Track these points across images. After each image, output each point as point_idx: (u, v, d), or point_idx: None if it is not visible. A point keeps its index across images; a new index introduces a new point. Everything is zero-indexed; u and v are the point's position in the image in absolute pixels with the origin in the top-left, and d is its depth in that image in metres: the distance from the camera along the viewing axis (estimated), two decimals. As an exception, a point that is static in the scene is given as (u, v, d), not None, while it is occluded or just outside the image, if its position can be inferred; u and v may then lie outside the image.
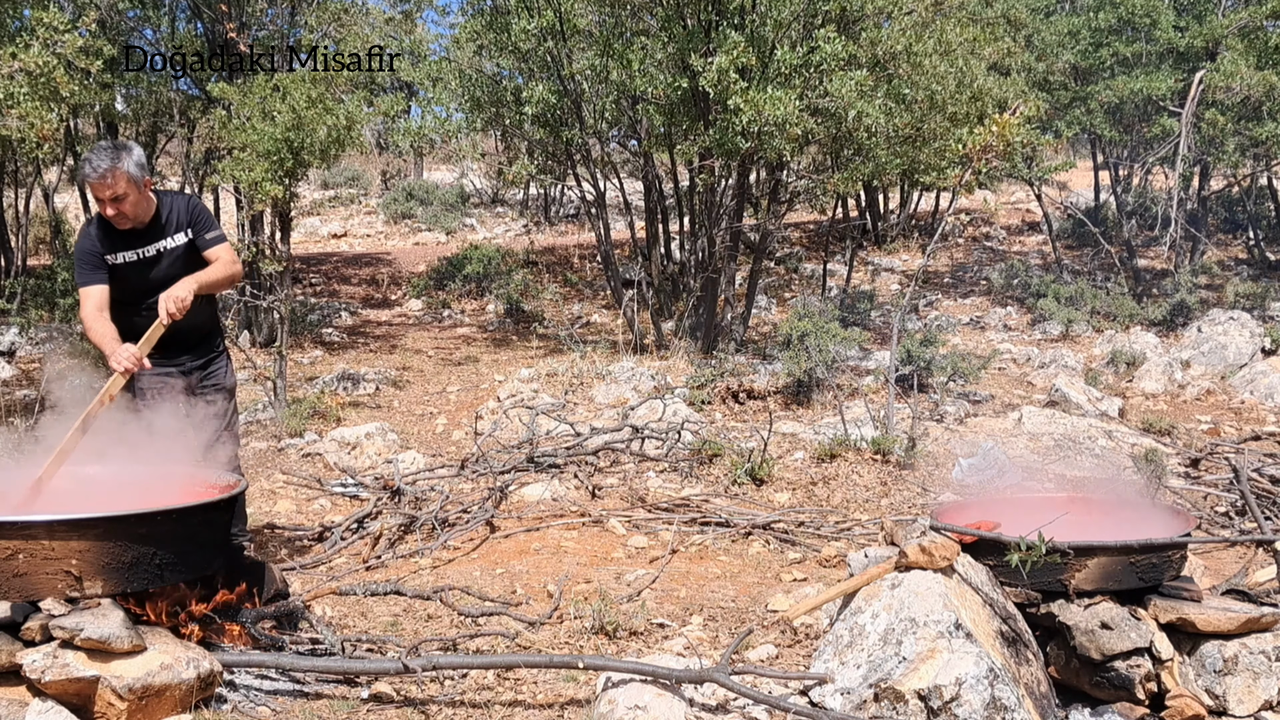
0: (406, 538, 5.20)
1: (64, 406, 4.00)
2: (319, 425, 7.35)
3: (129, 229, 3.94)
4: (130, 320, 3.95)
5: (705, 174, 9.66)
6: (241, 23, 10.45)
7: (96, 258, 3.94)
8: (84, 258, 3.96)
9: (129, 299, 3.98)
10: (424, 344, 10.97)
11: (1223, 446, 6.61)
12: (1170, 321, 11.19)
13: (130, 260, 3.96)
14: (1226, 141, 11.16)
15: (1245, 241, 14.81)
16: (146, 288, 3.96)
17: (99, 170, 3.78)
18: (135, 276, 3.96)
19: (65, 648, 2.92)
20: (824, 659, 3.18)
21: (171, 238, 4.01)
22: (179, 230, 4.03)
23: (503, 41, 9.88)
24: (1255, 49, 11.21)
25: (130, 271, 3.96)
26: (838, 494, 5.96)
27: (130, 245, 3.95)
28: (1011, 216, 18.81)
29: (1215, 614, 3.20)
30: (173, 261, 4.00)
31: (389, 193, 21.52)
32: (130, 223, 3.92)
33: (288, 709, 3.20)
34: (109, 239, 3.95)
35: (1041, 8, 13.31)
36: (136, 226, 3.94)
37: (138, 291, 3.97)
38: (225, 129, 8.02)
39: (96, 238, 3.96)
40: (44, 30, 7.05)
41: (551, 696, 3.37)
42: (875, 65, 9.08)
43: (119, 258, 3.94)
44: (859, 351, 9.60)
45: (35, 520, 3.03)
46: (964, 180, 7.73)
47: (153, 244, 3.98)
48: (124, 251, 3.95)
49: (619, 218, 14.43)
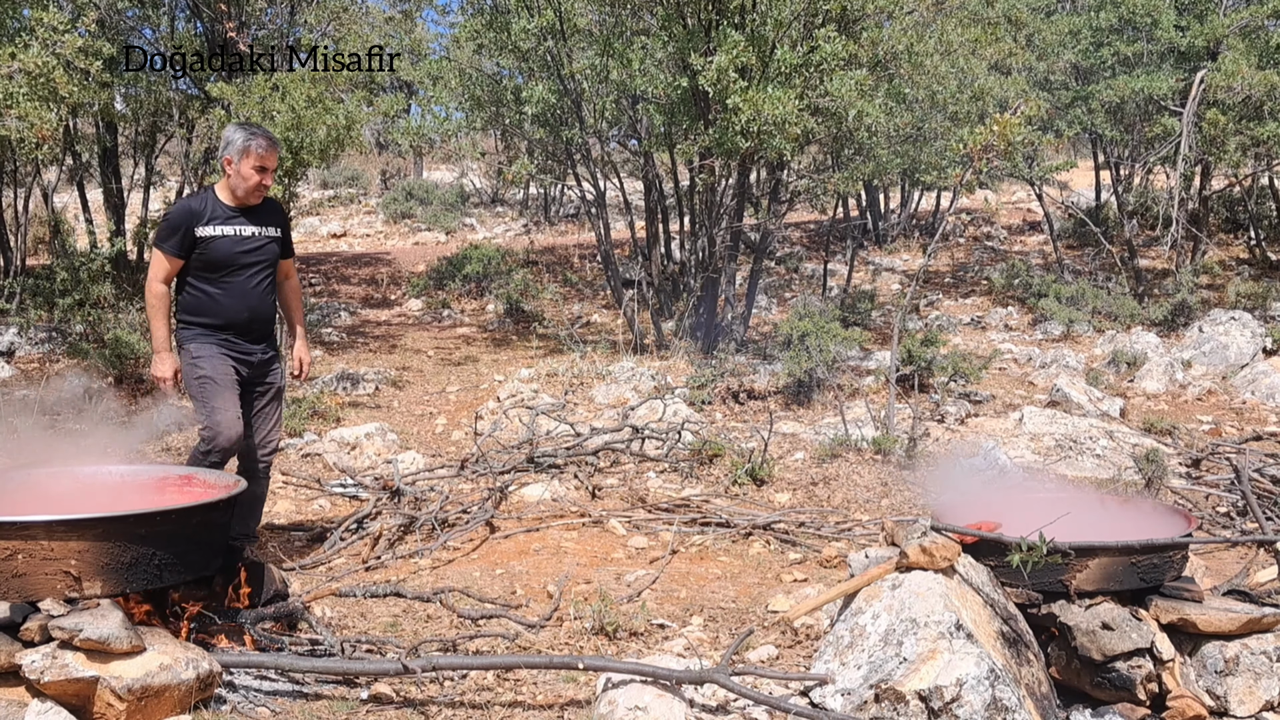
0: (406, 538, 5.19)
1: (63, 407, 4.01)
2: (318, 425, 7.34)
3: (237, 206, 4.18)
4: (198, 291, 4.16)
5: (705, 173, 9.65)
6: (241, 22, 10.44)
7: (188, 227, 4.10)
8: (178, 221, 4.12)
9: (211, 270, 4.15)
10: (424, 344, 10.96)
11: (1224, 447, 6.60)
12: (1171, 321, 11.18)
13: (225, 235, 4.14)
14: (1228, 141, 11.14)
15: (1246, 241, 14.79)
16: (227, 262, 4.15)
17: (270, 140, 4.14)
18: (219, 252, 4.13)
19: (64, 648, 2.92)
20: (824, 660, 3.17)
21: (265, 228, 4.26)
22: (271, 225, 4.29)
23: (502, 41, 9.87)
24: (1256, 49, 11.19)
25: (218, 246, 4.13)
26: (838, 494, 5.95)
27: (230, 221, 4.16)
28: (1012, 216, 18.80)
29: (1216, 614, 3.19)
30: (256, 249, 4.23)
31: (389, 192, 21.51)
32: (256, 199, 4.18)
33: (287, 709, 3.20)
34: (212, 209, 4.14)
35: (1042, 7, 13.28)
36: (248, 204, 4.19)
37: (212, 264, 4.14)
38: (224, 128, 8.00)
39: (197, 210, 4.13)
40: (43, 30, 7.04)
41: (551, 697, 3.37)
42: (876, 65, 9.07)
43: (215, 229, 4.12)
44: (859, 351, 9.59)
45: (34, 521, 3.03)
46: (965, 180, 7.72)
47: (249, 227, 4.20)
48: (222, 225, 4.14)
49: (619, 217, 14.42)
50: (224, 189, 4.23)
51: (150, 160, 13.55)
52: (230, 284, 4.18)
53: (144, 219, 12.57)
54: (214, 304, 4.17)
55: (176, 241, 4.11)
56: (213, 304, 4.17)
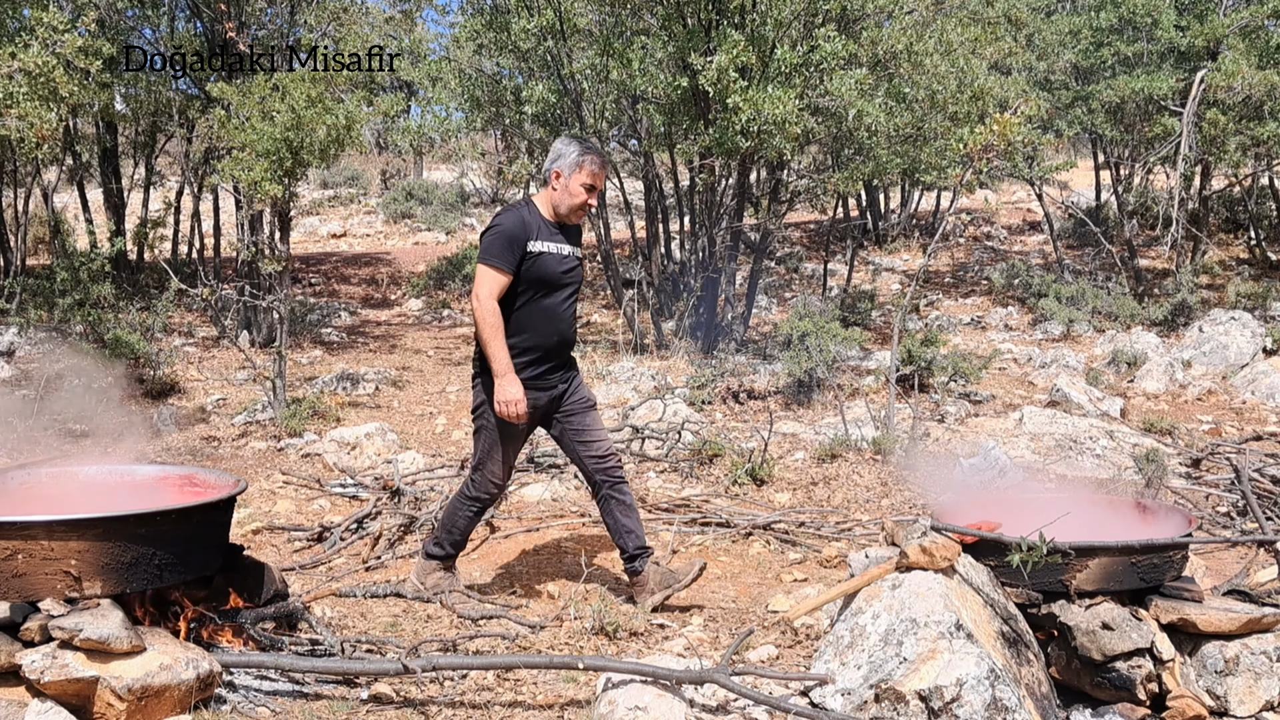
0: (406, 538, 5.19)
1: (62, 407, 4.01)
2: (318, 425, 7.34)
3: (559, 224, 4.03)
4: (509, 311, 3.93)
5: (705, 173, 9.65)
6: (241, 22, 10.44)
7: (520, 244, 3.89)
8: (511, 238, 3.89)
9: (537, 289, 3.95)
10: (424, 344, 10.96)
11: (1224, 447, 6.60)
12: (1171, 321, 11.18)
13: (549, 252, 3.95)
14: (1228, 141, 11.14)
15: (1246, 241, 14.80)
16: (553, 282, 3.97)
17: (604, 159, 4.01)
18: (543, 270, 3.95)
19: (64, 648, 2.92)
20: (825, 660, 3.17)
21: (576, 249, 4.09)
22: (578, 246, 4.12)
23: (502, 41, 9.87)
24: (1256, 48, 11.19)
25: (544, 263, 3.94)
26: (838, 494, 5.95)
27: (552, 238, 3.97)
28: (1012, 216, 18.81)
29: (1216, 614, 3.19)
30: (571, 270, 4.04)
31: (388, 192, 21.52)
32: (577, 219, 4.04)
33: (287, 709, 3.20)
34: (540, 226, 3.96)
35: (1042, 7, 13.30)
36: (570, 223, 4.05)
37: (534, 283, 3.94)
38: (224, 128, 8.01)
39: (528, 221, 3.94)
40: (43, 30, 7.04)
41: (551, 697, 3.37)
42: (876, 64, 9.07)
43: (542, 245, 3.93)
44: (859, 351, 9.59)
45: (34, 521, 3.03)
46: (965, 180, 7.73)
47: (567, 245, 4.03)
48: (547, 241, 3.95)
49: (619, 217, 14.42)
50: (545, 203, 4.02)
51: (150, 160, 13.56)
52: (545, 305, 3.95)
53: (144, 219, 12.57)
54: (525, 325, 3.93)
55: (511, 255, 3.85)
56: (524, 325, 3.93)
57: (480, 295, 3.86)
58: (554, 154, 4.03)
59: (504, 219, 3.95)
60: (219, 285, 9.98)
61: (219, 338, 10.41)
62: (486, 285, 3.86)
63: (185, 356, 9.72)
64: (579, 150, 3.97)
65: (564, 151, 3.99)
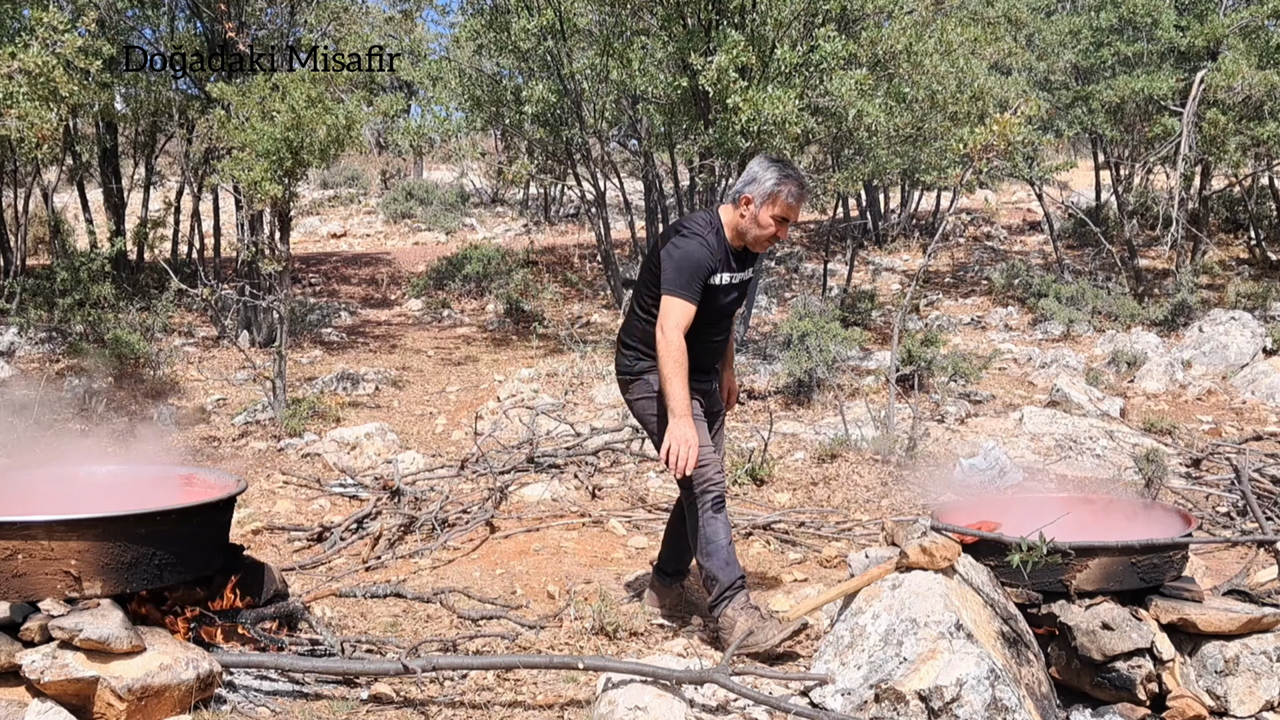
0: (406, 538, 5.19)
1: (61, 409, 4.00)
2: (318, 425, 7.34)
3: (738, 248, 3.71)
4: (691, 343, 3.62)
5: (705, 173, 9.65)
6: (241, 22, 10.43)
7: (707, 273, 3.59)
8: (699, 267, 3.57)
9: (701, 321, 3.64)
10: (424, 344, 10.96)
11: (1224, 447, 6.60)
12: (1171, 321, 11.17)
13: (728, 283, 3.69)
14: (1228, 141, 11.14)
15: (1246, 241, 14.79)
16: (717, 314, 3.73)
17: (804, 189, 3.64)
18: (718, 300, 3.70)
19: (64, 648, 2.92)
20: (825, 660, 3.17)
21: (749, 270, 3.83)
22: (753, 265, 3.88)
23: (502, 41, 9.88)
24: (1257, 49, 11.19)
25: (719, 294, 3.68)
26: (838, 494, 5.96)
27: (731, 268, 3.69)
28: (1012, 216, 18.80)
29: (1216, 614, 3.19)
30: (741, 296, 3.81)
31: (388, 192, 21.51)
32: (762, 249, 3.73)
33: (287, 709, 3.20)
34: (724, 254, 3.65)
35: (1042, 7, 13.30)
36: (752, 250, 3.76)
37: (709, 313, 3.68)
38: (224, 128, 8.01)
39: (714, 249, 3.63)
40: (43, 30, 7.04)
41: (551, 697, 3.37)
42: (876, 64, 9.07)
43: (723, 278, 3.66)
44: (859, 351, 9.59)
45: (34, 521, 3.03)
46: (965, 180, 7.73)
47: (745, 270, 3.78)
48: (727, 272, 3.67)
49: (619, 217, 14.43)
50: (729, 225, 3.68)
51: (150, 160, 13.55)
52: (711, 328, 3.72)
53: (144, 219, 12.56)
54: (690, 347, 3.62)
55: (699, 285, 3.56)
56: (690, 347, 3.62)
57: (667, 329, 3.52)
58: (748, 176, 3.65)
59: (692, 246, 3.60)
60: (219, 285, 9.98)
61: (219, 338, 10.41)
62: (675, 318, 3.53)
63: (185, 356, 9.72)
64: (776, 178, 3.59)
65: (759, 176, 3.61)
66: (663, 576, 4.19)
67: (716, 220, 3.70)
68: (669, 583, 4.18)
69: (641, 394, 3.79)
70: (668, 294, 3.56)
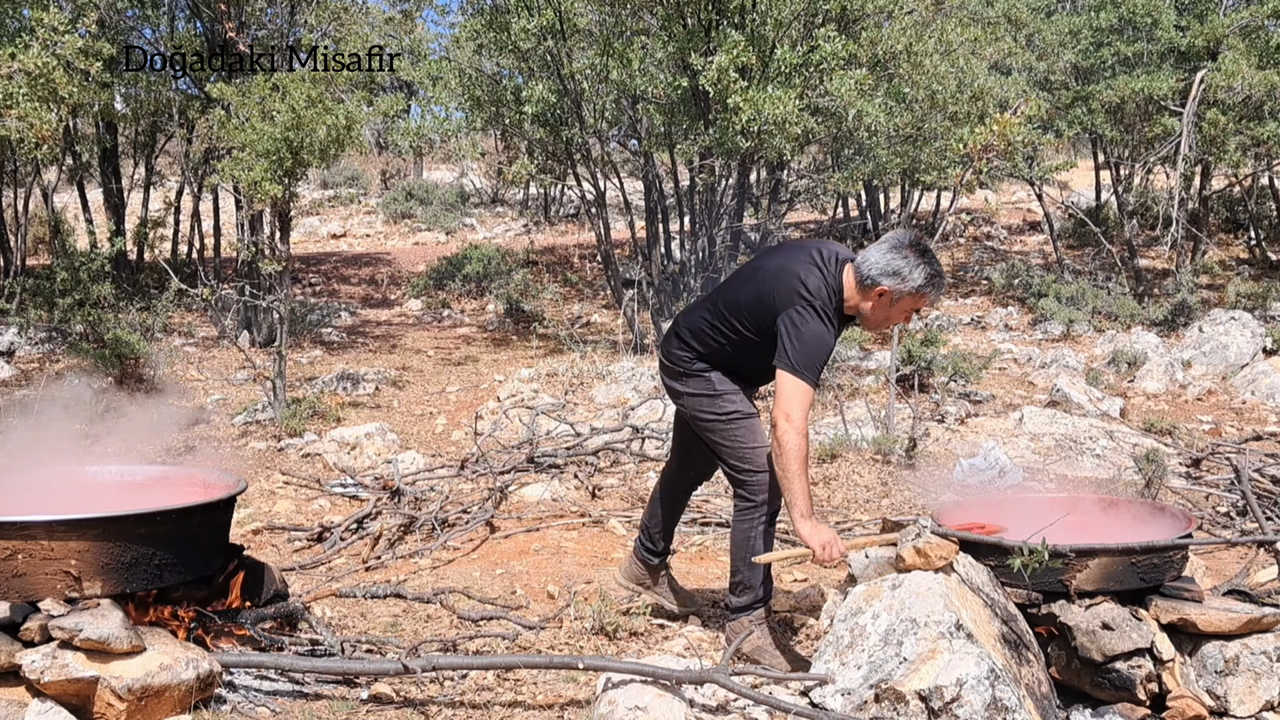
0: (406, 538, 5.19)
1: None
2: (318, 425, 7.34)
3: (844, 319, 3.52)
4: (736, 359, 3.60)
5: (705, 173, 9.65)
6: (241, 22, 10.44)
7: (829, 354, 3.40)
8: (827, 351, 3.39)
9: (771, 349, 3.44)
10: (424, 344, 10.96)
11: (1224, 447, 6.60)
12: (1171, 321, 11.17)
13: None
14: (1228, 141, 11.14)
15: (1246, 241, 14.79)
16: None
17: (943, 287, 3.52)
18: None
19: (64, 648, 2.92)
20: (824, 659, 3.17)
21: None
22: None
23: (502, 41, 9.87)
24: (1257, 49, 11.19)
25: None
26: (838, 494, 5.96)
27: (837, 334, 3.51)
28: (1012, 216, 18.80)
29: (1216, 614, 3.19)
30: None
31: (388, 192, 21.52)
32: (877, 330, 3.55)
33: (287, 709, 3.20)
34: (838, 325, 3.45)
35: (1042, 7, 13.30)
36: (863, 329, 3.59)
37: None
38: (224, 129, 8.01)
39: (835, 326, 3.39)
40: (43, 30, 7.04)
41: (551, 697, 3.37)
42: (876, 64, 9.07)
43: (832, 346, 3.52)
44: (859, 351, 9.59)
45: (34, 520, 3.03)
46: (965, 180, 7.72)
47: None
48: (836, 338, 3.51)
49: (619, 217, 14.42)
50: (850, 296, 3.43)
51: (150, 160, 13.56)
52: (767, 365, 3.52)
53: (144, 219, 12.57)
54: (736, 366, 3.62)
55: (820, 368, 3.37)
56: (736, 365, 3.62)
57: (794, 417, 3.24)
58: (890, 268, 3.38)
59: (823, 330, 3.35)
60: (219, 285, 9.98)
61: (219, 338, 10.41)
62: (800, 404, 3.25)
63: (185, 356, 9.72)
64: (926, 278, 3.39)
65: (905, 273, 3.38)
66: (650, 555, 4.01)
67: (837, 282, 3.44)
68: (656, 563, 4.03)
69: (700, 390, 3.67)
70: (794, 374, 3.29)
